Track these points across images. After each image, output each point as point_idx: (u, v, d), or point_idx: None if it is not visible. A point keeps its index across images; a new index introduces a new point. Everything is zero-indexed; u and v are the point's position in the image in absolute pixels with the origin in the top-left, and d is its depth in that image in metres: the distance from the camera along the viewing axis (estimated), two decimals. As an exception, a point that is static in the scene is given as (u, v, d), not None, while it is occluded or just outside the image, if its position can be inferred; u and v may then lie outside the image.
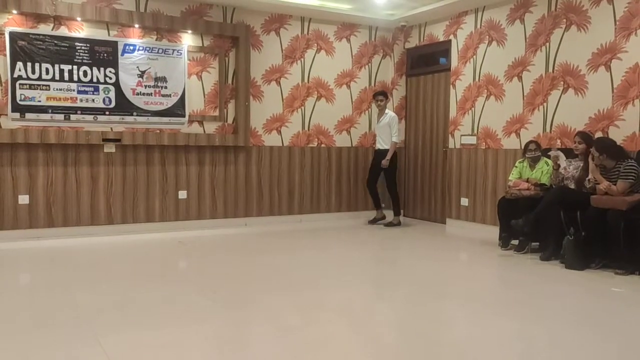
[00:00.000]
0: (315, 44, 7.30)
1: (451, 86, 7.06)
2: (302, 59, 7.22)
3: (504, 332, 3.24)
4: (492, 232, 6.00)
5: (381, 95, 6.97)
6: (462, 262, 5.43)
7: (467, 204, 6.84)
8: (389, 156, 6.81)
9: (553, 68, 5.84)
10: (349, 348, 2.96)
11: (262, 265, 4.81)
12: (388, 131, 6.86)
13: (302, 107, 7.25)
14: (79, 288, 3.99)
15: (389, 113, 6.96)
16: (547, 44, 5.88)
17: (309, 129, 7.30)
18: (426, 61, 7.60)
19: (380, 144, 6.96)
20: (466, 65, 6.84)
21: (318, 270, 4.68)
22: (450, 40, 7.08)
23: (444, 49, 7.25)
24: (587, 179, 4.87)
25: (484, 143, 6.62)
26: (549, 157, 5.34)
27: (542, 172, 5.40)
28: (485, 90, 6.59)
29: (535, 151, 5.48)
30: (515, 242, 5.43)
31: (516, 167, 5.65)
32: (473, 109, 6.76)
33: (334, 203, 7.51)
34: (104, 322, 3.23)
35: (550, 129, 5.87)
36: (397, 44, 7.82)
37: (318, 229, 6.77)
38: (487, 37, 6.55)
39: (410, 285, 4.25)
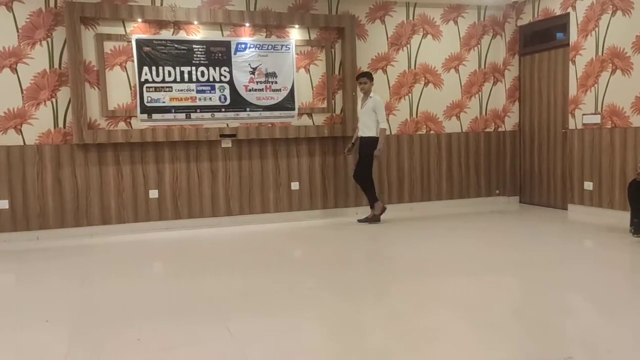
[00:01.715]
0: (421, 29, 7.16)
1: (570, 62, 6.61)
2: (408, 45, 7.12)
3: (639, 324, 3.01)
4: (622, 218, 5.56)
5: (365, 77, 6.19)
6: (588, 249, 5.10)
7: (591, 188, 6.39)
8: (380, 145, 6.12)
9: (691, 35, 5.27)
10: (464, 337, 2.90)
11: (375, 254, 4.85)
12: (373, 117, 6.12)
13: (410, 94, 7.16)
14: (206, 276, 4.28)
15: (374, 96, 6.22)
16: (684, 8, 5.31)
17: (417, 116, 7.20)
18: (541, 38, 7.17)
19: (364, 131, 6.18)
20: (587, 38, 6.36)
21: (431, 258, 4.62)
22: (568, 14, 6.61)
23: (561, 23, 6.79)
24: None
25: (610, 122, 6.13)
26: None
27: (680, 151, 4.90)
28: (610, 65, 6.09)
29: (671, 128, 4.99)
30: (649, 228, 4.99)
31: (649, 146, 5.19)
32: (596, 85, 6.28)
33: (445, 190, 7.36)
34: (229, 308, 3.44)
35: (689, 103, 5.31)
36: (509, 22, 7.45)
37: (429, 217, 6.68)
38: (611, 6, 6.04)
39: (529, 274, 4.07)
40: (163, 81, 6.11)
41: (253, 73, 6.44)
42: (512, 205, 7.53)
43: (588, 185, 6.43)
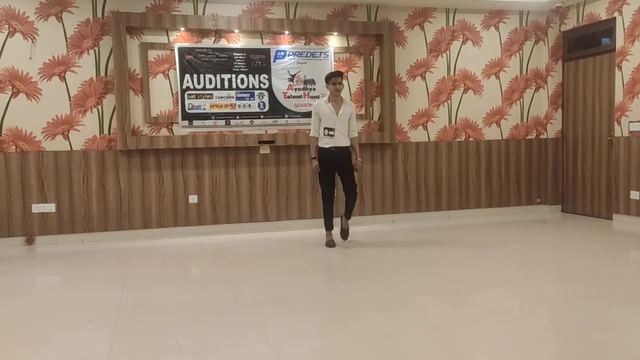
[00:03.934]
0: (461, 35, 7.09)
1: (616, 68, 6.42)
2: (448, 52, 7.05)
3: (690, 342, 2.88)
4: (671, 229, 5.35)
5: (340, 77, 5.46)
6: (634, 260, 4.92)
7: (637, 198, 6.17)
8: (359, 156, 5.58)
9: None
10: (504, 349, 2.84)
11: (412, 262, 4.81)
12: (347, 124, 5.45)
13: (449, 101, 7.09)
14: (242, 280, 4.33)
15: (350, 102, 5.78)
16: None
17: (455, 123, 7.12)
18: (586, 43, 6.99)
19: (342, 141, 5.39)
20: (634, 44, 6.17)
21: (469, 268, 4.55)
22: (614, 18, 6.43)
23: (606, 28, 6.61)
24: None
25: (659, 130, 5.92)
26: None
27: None
28: (659, 71, 5.89)
29: None
30: (700, 240, 4.79)
31: (700, 155, 4.98)
32: (644, 92, 6.08)
33: (484, 199, 7.24)
34: (266, 313, 3.47)
35: None
36: (552, 27, 7.29)
37: (468, 225, 6.58)
38: (660, 10, 5.85)
39: (572, 284, 3.95)
40: (204, 88, 6.23)
41: (292, 80, 6.50)
42: (554, 214, 7.34)
43: (634, 195, 6.21)
